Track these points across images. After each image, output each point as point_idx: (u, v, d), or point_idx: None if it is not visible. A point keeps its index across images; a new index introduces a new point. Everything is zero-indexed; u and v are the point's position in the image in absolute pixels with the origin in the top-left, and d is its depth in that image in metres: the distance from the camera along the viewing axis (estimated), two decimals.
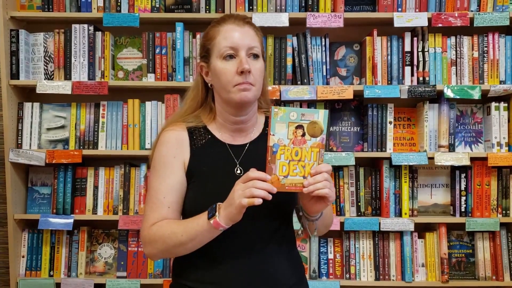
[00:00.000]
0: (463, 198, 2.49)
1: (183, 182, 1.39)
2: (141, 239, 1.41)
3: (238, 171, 1.38)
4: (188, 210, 1.39)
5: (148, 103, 2.48)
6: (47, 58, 2.50)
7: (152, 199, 1.39)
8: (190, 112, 1.46)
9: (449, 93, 2.42)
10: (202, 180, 1.37)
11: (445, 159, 2.42)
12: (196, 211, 1.34)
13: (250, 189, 1.18)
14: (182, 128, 1.42)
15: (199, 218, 1.28)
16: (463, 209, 2.49)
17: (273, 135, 1.22)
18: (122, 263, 2.50)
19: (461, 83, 2.48)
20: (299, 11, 2.46)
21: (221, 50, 1.35)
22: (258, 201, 1.17)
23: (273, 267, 1.36)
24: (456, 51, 2.48)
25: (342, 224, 2.43)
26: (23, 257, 2.49)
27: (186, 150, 1.40)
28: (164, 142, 1.41)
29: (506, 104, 2.47)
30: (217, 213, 1.23)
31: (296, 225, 1.50)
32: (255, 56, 1.37)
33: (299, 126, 1.23)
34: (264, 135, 1.45)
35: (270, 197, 1.19)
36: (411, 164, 2.43)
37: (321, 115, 1.24)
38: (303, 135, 1.23)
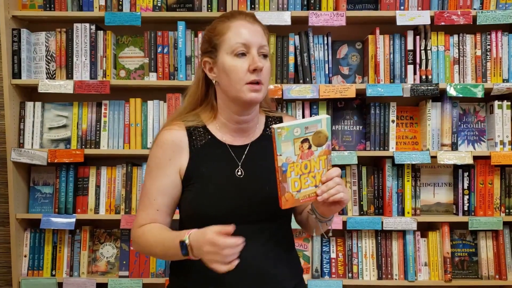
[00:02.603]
0: (466, 197, 2.49)
1: (176, 185, 1.37)
2: (131, 235, 1.41)
3: (239, 173, 1.37)
4: (187, 212, 1.38)
5: (150, 102, 2.48)
6: (48, 57, 2.50)
7: (143, 199, 1.39)
8: (190, 109, 1.44)
9: (452, 91, 2.41)
10: (202, 182, 1.35)
11: (448, 157, 2.41)
12: (196, 213, 1.33)
13: (224, 257, 1.15)
14: (181, 128, 1.39)
15: (174, 241, 1.24)
16: (466, 208, 2.48)
17: (280, 155, 1.18)
18: (124, 262, 2.50)
19: (464, 82, 2.47)
20: (301, 10, 2.45)
21: (232, 46, 1.33)
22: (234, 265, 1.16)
23: (274, 269, 1.35)
24: (459, 49, 2.47)
25: (344, 223, 2.43)
26: (25, 256, 2.49)
27: (184, 152, 1.37)
28: (161, 144, 1.38)
29: (509, 103, 2.46)
30: (190, 253, 1.21)
31: (294, 225, 1.50)
32: (265, 55, 1.36)
33: (305, 140, 1.20)
34: (265, 135, 1.44)
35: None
36: (413, 163, 2.42)
37: (324, 123, 1.21)
38: (310, 147, 1.21)
